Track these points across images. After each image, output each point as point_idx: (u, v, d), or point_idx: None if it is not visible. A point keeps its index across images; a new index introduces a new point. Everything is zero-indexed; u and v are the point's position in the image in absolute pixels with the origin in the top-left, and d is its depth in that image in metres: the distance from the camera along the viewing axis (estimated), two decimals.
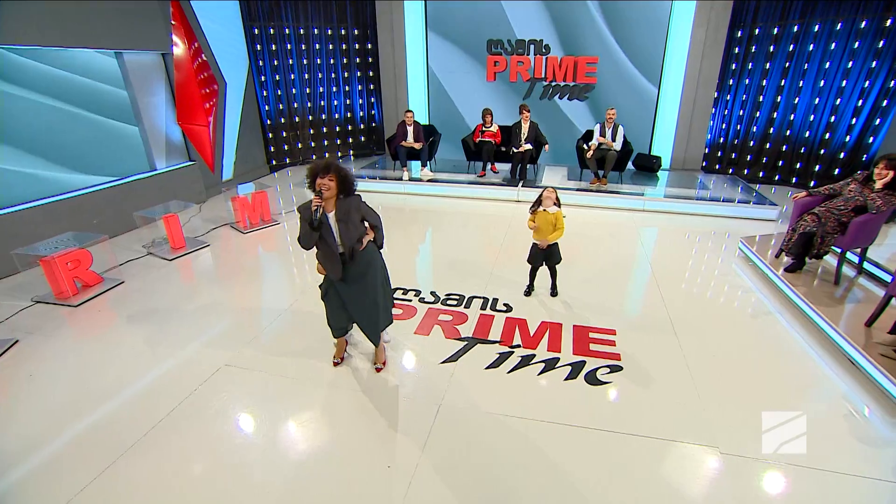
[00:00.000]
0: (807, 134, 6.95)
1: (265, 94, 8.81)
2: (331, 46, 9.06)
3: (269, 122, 8.99)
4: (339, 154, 9.84)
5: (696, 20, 7.06)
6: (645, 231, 5.71)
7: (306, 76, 9.08)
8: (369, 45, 9.28)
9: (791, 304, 3.82)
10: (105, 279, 4.39)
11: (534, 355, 3.20)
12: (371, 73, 9.52)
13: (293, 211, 6.51)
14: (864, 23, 6.09)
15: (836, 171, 6.71)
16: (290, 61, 8.85)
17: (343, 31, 9.02)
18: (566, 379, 2.97)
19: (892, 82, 5.96)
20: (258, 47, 8.41)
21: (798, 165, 7.15)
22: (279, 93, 8.95)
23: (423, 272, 4.59)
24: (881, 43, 5.99)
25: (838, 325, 3.18)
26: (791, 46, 6.79)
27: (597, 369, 3.05)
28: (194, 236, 5.52)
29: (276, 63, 8.70)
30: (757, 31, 7.01)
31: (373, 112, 9.79)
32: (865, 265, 3.87)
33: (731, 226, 5.80)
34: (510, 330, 3.51)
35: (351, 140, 9.86)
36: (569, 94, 8.21)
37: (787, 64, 6.88)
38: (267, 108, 8.92)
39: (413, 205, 6.74)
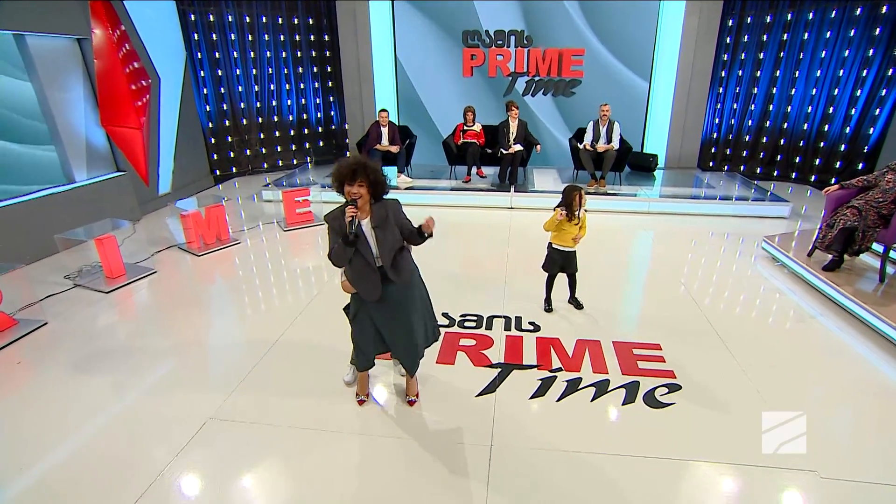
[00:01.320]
0: (805, 126, 7.41)
1: (205, 92, 8.40)
2: (282, 37, 8.80)
3: (210, 124, 8.55)
4: (295, 161, 9.51)
5: (687, 8, 7.42)
6: (653, 234, 5.81)
7: (254, 72, 8.75)
8: (326, 37, 9.10)
9: (833, 304, 3.95)
10: (20, 321, 3.89)
11: (580, 379, 3.09)
12: (329, 69, 9.31)
13: (257, 227, 6.16)
14: (858, 10, 6.60)
15: (838, 165, 7.17)
16: (235, 54, 8.50)
17: (296, 21, 8.79)
18: (624, 404, 2.87)
19: (891, 70, 6.46)
20: (195, 37, 8.02)
21: (797, 160, 7.59)
22: (222, 90, 8.56)
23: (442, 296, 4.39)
24: (877, 30, 6.50)
25: None
26: (785, 35, 7.26)
27: (654, 390, 2.98)
28: (135, 262, 5.07)
29: (217, 56, 8.33)
30: (749, 19, 7.45)
31: (332, 113, 9.55)
32: None
33: (743, 225, 6.02)
34: (545, 351, 3.39)
35: (308, 145, 9.55)
36: (553, 90, 8.36)
37: (782, 54, 7.34)
38: (208, 108, 8.50)
39: None
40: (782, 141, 7.68)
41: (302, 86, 9.22)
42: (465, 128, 7.43)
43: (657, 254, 5.20)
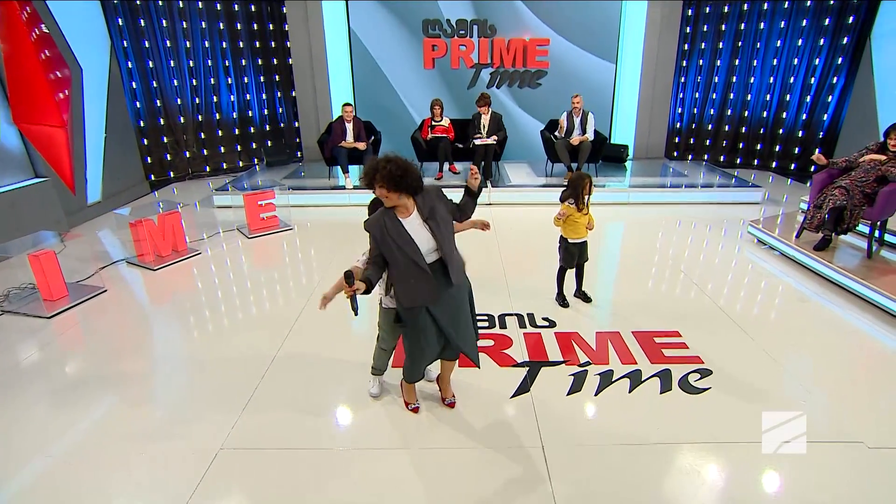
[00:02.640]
0: (764, 114, 8.01)
1: (134, 86, 7.86)
2: (221, 25, 8.41)
3: (141, 123, 8.01)
4: (241, 164, 9.09)
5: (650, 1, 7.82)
6: (639, 224, 6.06)
7: (190, 64, 8.30)
8: (270, 26, 8.78)
9: (827, 282, 4.28)
10: None
11: (612, 371, 3.15)
12: (275, 61, 9.00)
13: (215, 235, 5.81)
14: (808, 1, 7.23)
15: (797, 150, 7.81)
16: (168, 43, 8.03)
17: (236, 7, 8.43)
18: (661, 392, 2.96)
19: (840, 59, 7.13)
20: (119, 22, 7.48)
21: (759, 146, 8.19)
22: (154, 85, 8.05)
23: None
24: (826, 21, 7.15)
25: None
26: (742, 25, 7.83)
27: (686, 376, 3.09)
28: (76, 281, 4.64)
29: (146, 45, 7.83)
30: (707, 9, 7.97)
31: (280, 109, 9.23)
32: (885, 236, 4.49)
33: (721, 212, 6.41)
34: (567, 346, 3.43)
35: (255, 145, 9.17)
36: (519, 82, 8.53)
37: (740, 43, 7.91)
38: (138, 104, 7.97)
39: (361, 218, 6.38)
40: (743, 129, 8.27)
41: (246, 80, 8.84)
42: (434, 122, 7.41)
43: (649, 243, 5.41)
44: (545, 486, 2.31)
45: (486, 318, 3.81)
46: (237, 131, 8.97)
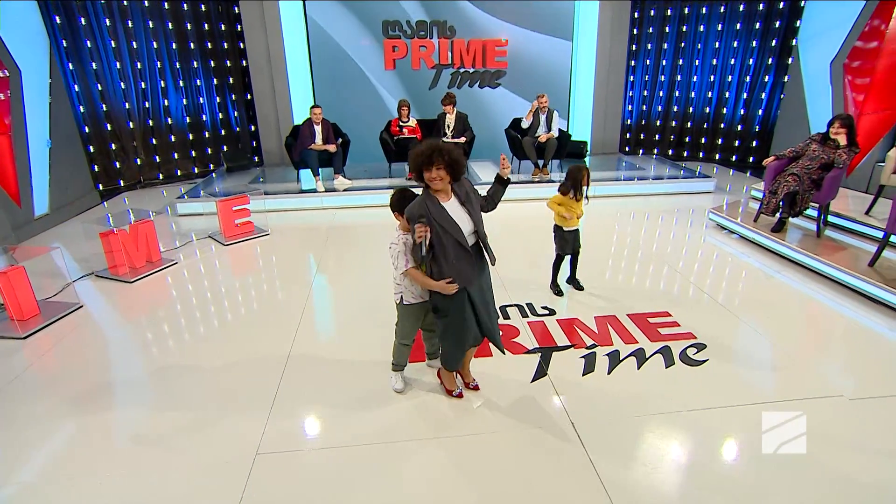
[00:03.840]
0: (706, 110, 8.67)
1: (77, 89, 7.40)
2: (170, 25, 8.07)
3: (86, 129, 7.55)
4: (196, 170, 8.76)
5: (601, 3, 8.24)
6: (605, 216, 6.40)
7: (138, 65, 7.92)
8: (223, 26, 8.53)
9: (786, 260, 4.76)
10: None
11: (618, 351, 3.39)
12: (229, 63, 8.74)
13: (187, 244, 5.61)
14: (741, 6, 7.91)
15: (737, 143, 8.51)
16: (113, 44, 7.62)
17: (185, 6, 8.12)
18: (667, 367, 3.22)
19: (770, 59, 7.84)
20: (57, 20, 7.03)
21: (703, 140, 8.85)
22: (98, 88, 7.61)
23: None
24: (757, 24, 7.85)
25: (851, 270, 4.10)
26: (683, 27, 8.43)
27: (685, 350, 3.38)
28: (45, 298, 4.37)
29: (89, 45, 7.40)
30: (652, 12, 8.51)
31: (236, 113, 8.96)
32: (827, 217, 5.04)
33: (679, 202, 6.90)
34: (571, 331, 3.64)
35: (210, 151, 8.86)
36: (479, 82, 8.75)
37: (682, 44, 8.51)
38: (82, 109, 7.51)
39: (338, 221, 6.37)
40: (688, 124, 8.90)
41: (198, 83, 8.53)
42: (401, 123, 7.48)
43: (621, 233, 5.75)
44: (583, 458, 2.48)
45: None
46: (191, 136, 8.64)
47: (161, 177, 8.49)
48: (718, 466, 2.45)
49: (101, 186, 7.84)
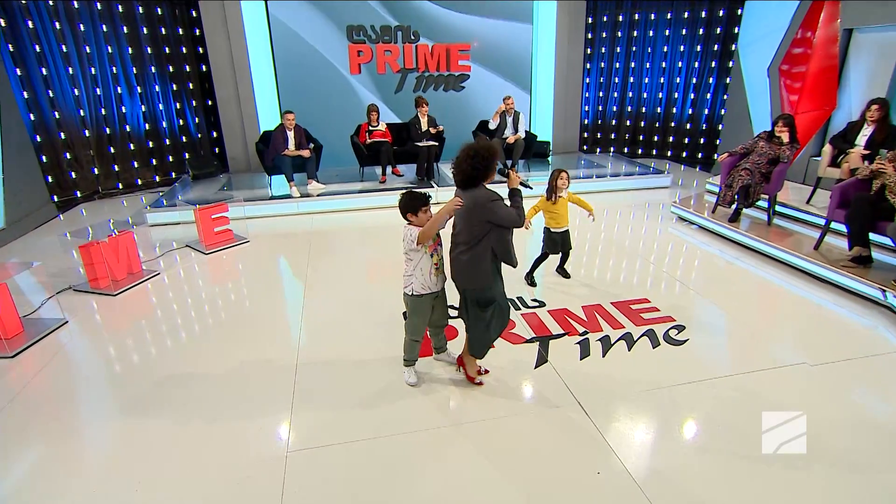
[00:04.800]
0: (658, 110, 9.26)
1: (26, 96, 7.09)
2: (125, 29, 7.85)
3: (38, 137, 7.23)
4: (157, 178, 8.53)
5: (559, 7, 8.66)
6: (575, 213, 6.74)
7: (93, 71, 7.65)
8: (180, 30, 8.37)
9: (742, 247, 5.26)
10: None
11: (608, 336, 3.70)
12: (188, 68, 8.57)
13: (165, 254, 5.53)
14: (686, 13, 8.52)
15: (686, 140, 9.14)
16: (64, 48, 7.33)
17: (141, 10, 7.92)
18: (654, 347, 3.56)
19: (713, 62, 8.50)
20: (2, 23, 6.72)
21: (655, 138, 9.44)
22: (50, 94, 7.31)
23: None
24: (700, 30, 8.48)
25: (799, 254, 4.61)
26: (634, 32, 8.98)
27: (667, 332, 3.73)
28: (24, 315, 4.25)
29: (38, 50, 7.09)
30: (604, 17, 9.02)
31: (197, 120, 8.80)
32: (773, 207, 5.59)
33: (641, 197, 7.39)
34: (563, 320, 3.93)
35: (171, 159, 8.65)
36: (444, 85, 8.98)
37: (634, 48, 9.06)
38: (32, 117, 7.18)
39: (317, 226, 6.43)
40: (642, 123, 9.48)
41: (157, 88, 8.32)
42: (371, 127, 7.60)
43: (595, 227, 6.11)
44: (595, 434, 2.75)
45: None
46: (151, 144, 8.41)
47: (120, 186, 8.22)
48: (713, 429, 2.78)
49: (55, 198, 7.52)
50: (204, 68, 8.63)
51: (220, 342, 3.85)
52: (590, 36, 9.17)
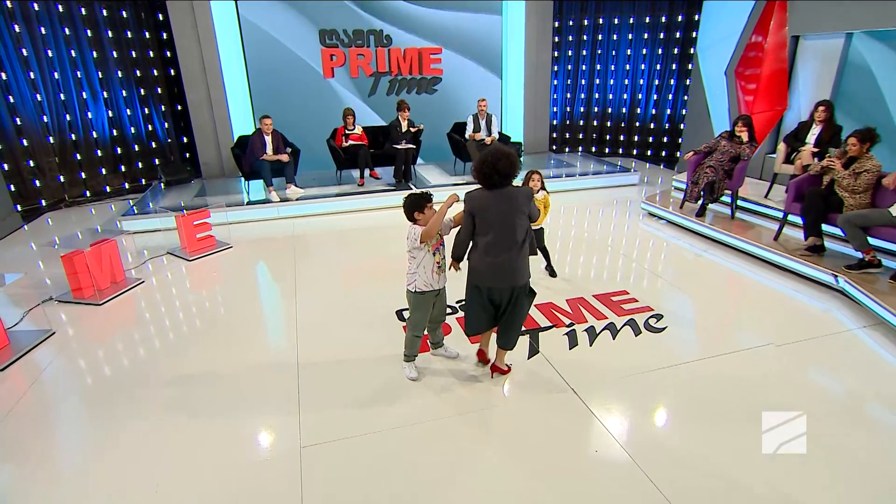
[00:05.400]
0: (623, 110, 9.68)
1: None
2: (89, 33, 7.69)
3: None
4: (127, 185, 8.38)
5: (527, 11, 8.95)
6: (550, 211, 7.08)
7: (56, 76, 7.47)
8: (146, 34, 8.25)
9: (709, 240, 5.65)
10: None
11: (593, 327, 3.96)
12: (155, 72, 8.45)
13: (147, 262, 5.50)
14: (647, 18, 8.96)
15: (650, 139, 9.59)
16: (24, 52, 7.14)
17: (104, 13, 7.77)
18: (636, 336, 3.84)
19: (674, 64, 8.97)
20: None
21: (622, 137, 9.87)
22: (10, 100, 7.10)
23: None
24: (661, 34, 8.93)
25: (761, 244, 5.01)
26: (599, 36, 9.36)
27: (648, 321, 4.02)
28: (8, 328, 4.20)
29: None
30: (570, 22, 9.37)
31: (167, 125, 8.68)
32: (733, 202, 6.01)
33: (611, 194, 7.75)
34: (550, 313, 4.17)
35: (141, 165, 8.52)
36: (416, 88, 9.14)
37: (599, 51, 9.45)
38: None
39: (298, 230, 6.50)
40: (608, 123, 9.89)
41: (124, 93, 8.17)
42: (347, 131, 7.70)
43: (567, 224, 6.41)
44: (590, 416, 2.99)
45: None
46: (119, 150, 8.25)
47: (88, 194, 8.04)
48: (696, 406, 3.06)
49: (19, 207, 7.30)
50: (172, 72, 8.53)
51: (217, 346, 3.91)
52: (556, 39, 9.50)
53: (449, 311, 3.88)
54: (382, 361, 3.58)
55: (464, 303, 3.30)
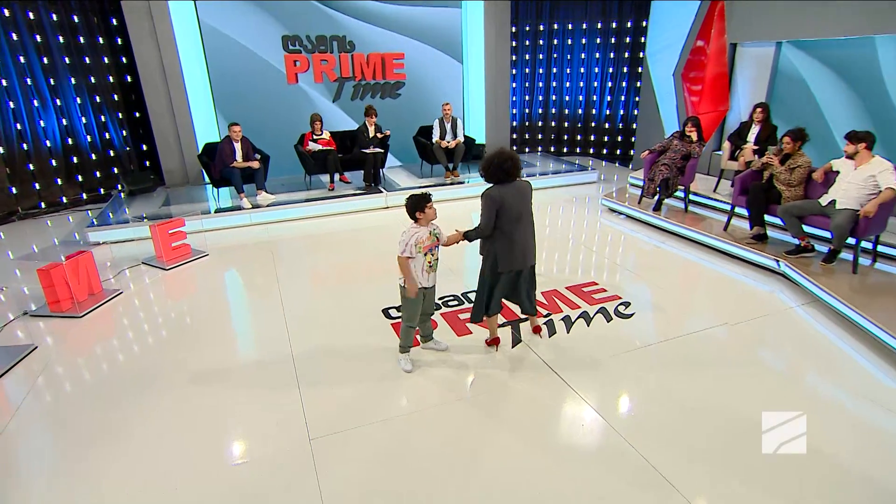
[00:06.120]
0: (579, 111, 10.21)
1: None
2: (38, 38, 7.48)
3: None
4: (84, 196, 8.18)
5: (485, 15, 9.31)
6: None
7: (4, 83, 7.25)
8: (100, 40, 8.09)
9: (665, 232, 6.15)
10: None
11: (569, 316, 4.32)
12: (111, 79, 8.29)
13: (122, 272, 5.48)
14: (598, 24, 9.51)
15: (605, 139, 10.16)
16: None
17: (54, 17, 7.58)
18: (608, 322, 4.22)
19: (625, 67, 9.55)
20: None
21: (578, 137, 10.40)
22: None
23: (388, 291, 4.91)
24: (612, 39, 9.50)
25: (712, 234, 5.53)
26: (554, 41, 9.85)
27: (617, 308, 4.42)
28: None
29: None
30: (527, 27, 9.81)
31: (125, 133, 8.53)
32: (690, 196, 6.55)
33: (571, 192, 8.20)
34: None
35: (99, 174, 8.33)
36: (380, 93, 9.34)
37: (555, 55, 9.93)
38: None
39: (273, 236, 6.59)
40: (565, 123, 10.40)
41: (79, 101, 7.98)
42: (315, 136, 7.82)
43: (536, 221, 6.75)
44: (575, 395, 3.32)
45: (452, 297, 4.67)
46: (75, 160, 8.05)
47: (43, 206, 7.82)
48: (667, 380, 3.45)
49: None
50: (129, 79, 8.39)
51: (212, 349, 4.02)
52: (514, 44, 9.92)
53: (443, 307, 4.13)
54: (379, 353, 3.81)
55: (475, 293, 3.72)
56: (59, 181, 7.97)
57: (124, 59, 8.31)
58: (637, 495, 2.56)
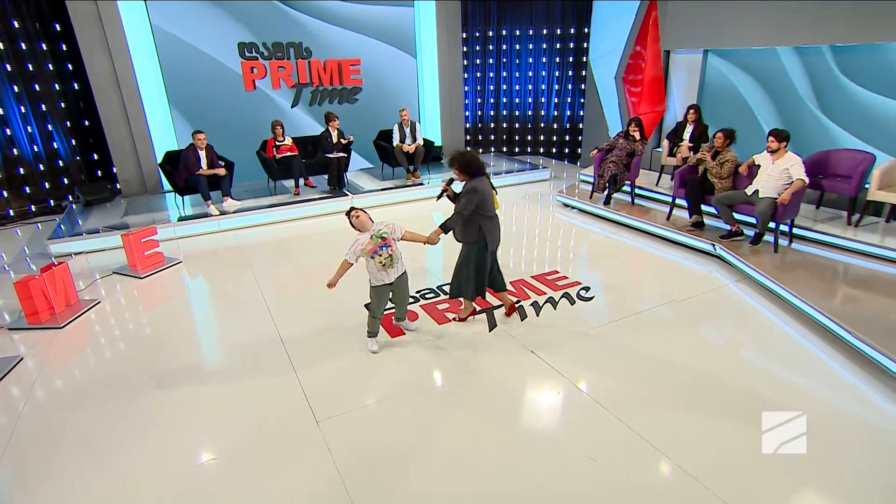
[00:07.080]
0: (529, 112, 10.83)
1: None
2: None
3: None
4: (33, 208, 7.99)
5: (437, 21, 9.74)
6: None
7: None
8: (43, 45, 7.91)
9: (616, 223, 6.79)
10: None
11: (537, 302, 4.81)
12: (58, 87, 8.12)
13: (95, 282, 5.52)
14: (544, 30, 10.15)
15: (554, 138, 10.83)
16: None
17: None
18: (572, 305, 4.74)
19: (570, 71, 10.24)
20: None
21: (529, 137, 11.02)
22: None
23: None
24: (558, 45, 10.16)
25: (657, 224, 6.20)
26: (503, 45, 10.41)
27: (578, 293, 4.95)
28: None
29: None
30: (476, 33, 10.32)
31: (74, 141, 8.36)
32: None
33: (525, 189, 8.78)
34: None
35: (48, 185, 8.16)
36: (338, 98, 9.59)
37: (505, 59, 10.49)
38: None
39: (243, 240, 6.76)
40: (515, 124, 11.00)
41: (23, 110, 7.79)
42: (277, 143, 7.99)
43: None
44: (551, 371, 3.79)
45: (428, 290, 5.07)
46: (22, 171, 7.85)
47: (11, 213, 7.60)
48: (626, 354, 3.99)
49: None
50: (77, 86, 8.25)
51: (205, 350, 4.25)
52: (465, 49, 10.41)
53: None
54: (361, 345, 4.14)
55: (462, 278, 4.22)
56: (6, 193, 7.75)
57: (70, 66, 8.15)
58: (619, 454, 3.06)
